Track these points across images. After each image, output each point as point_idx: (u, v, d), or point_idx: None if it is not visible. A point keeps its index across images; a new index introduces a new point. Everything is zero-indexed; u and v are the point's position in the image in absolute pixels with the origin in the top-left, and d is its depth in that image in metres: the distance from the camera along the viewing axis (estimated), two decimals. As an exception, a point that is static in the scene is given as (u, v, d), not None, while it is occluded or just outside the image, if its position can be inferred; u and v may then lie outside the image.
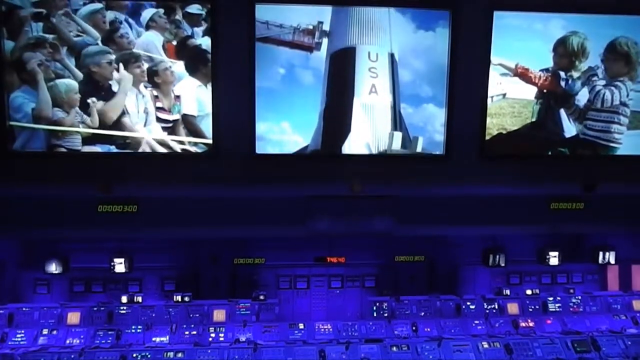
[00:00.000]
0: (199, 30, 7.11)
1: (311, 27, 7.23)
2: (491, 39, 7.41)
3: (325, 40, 7.28)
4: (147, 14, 7.02)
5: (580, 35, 7.53)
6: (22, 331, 8.39)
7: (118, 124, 7.22)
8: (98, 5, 6.92)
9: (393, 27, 7.33)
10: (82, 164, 7.40)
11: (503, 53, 7.50)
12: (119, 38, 7.02)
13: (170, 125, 7.33)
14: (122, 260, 8.60)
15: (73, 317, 8.62)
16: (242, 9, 7.05)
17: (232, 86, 7.27)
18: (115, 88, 7.13)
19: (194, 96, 7.28)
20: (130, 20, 7.00)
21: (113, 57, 7.04)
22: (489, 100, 7.63)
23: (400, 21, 7.33)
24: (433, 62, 7.47)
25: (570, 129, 7.85)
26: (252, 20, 7.06)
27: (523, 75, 7.62)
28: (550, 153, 7.96)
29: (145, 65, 7.12)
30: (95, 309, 8.71)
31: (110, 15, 6.96)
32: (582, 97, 7.75)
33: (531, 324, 9.05)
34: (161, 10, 7.01)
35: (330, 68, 7.37)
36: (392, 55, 7.42)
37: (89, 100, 7.11)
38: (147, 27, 7.04)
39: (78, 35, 6.95)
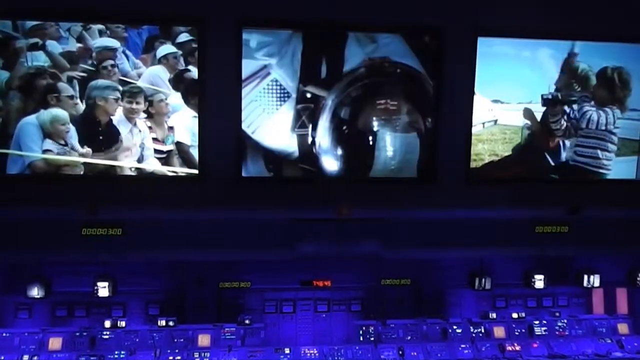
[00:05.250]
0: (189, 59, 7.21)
1: None
2: (475, 65, 7.52)
3: None
4: (163, 50, 7.11)
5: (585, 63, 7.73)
6: (2, 357, 8.22)
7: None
8: (115, 43, 7.01)
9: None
10: (67, 186, 7.35)
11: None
12: (103, 69, 7.05)
13: (164, 155, 7.38)
14: (105, 284, 8.47)
15: (55, 343, 8.48)
16: (229, 35, 7.11)
17: (219, 112, 7.29)
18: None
19: (189, 126, 7.35)
20: (127, 52, 7.05)
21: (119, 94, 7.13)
22: (480, 126, 7.72)
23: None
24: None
25: (560, 155, 7.97)
26: (240, 46, 7.12)
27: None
28: (541, 178, 8.06)
29: (142, 99, 7.19)
30: (77, 334, 8.58)
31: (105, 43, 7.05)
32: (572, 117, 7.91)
33: (517, 348, 9.04)
34: (179, 52, 7.10)
35: None
36: None
37: None
38: (159, 62, 7.14)
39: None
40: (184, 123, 7.35)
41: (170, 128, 7.34)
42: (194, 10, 7.12)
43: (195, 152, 7.38)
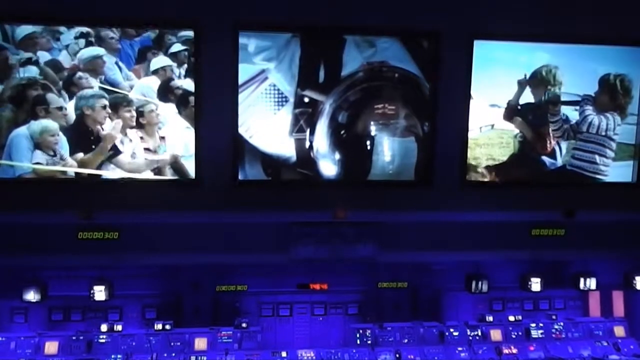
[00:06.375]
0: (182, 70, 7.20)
1: None
2: (472, 69, 7.52)
3: None
4: (157, 62, 7.11)
5: (549, 67, 7.69)
6: (-2, 361, 8.21)
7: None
8: (101, 51, 6.98)
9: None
10: (63, 190, 7.32)
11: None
12: (77, 80, 7.02)
13: (156, 165, 7.35)
14: (102, 287, 8.44)
15: (51, 347, 8.45)
16: (225, 41, 7.09)
17: (216, 115, 7.27)
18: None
19: (181, 136, 7.34)
20: (120, 63, 7.02)
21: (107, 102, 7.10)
22: (478, 130, 7.72)
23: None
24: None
25: (556, 159, 7.98)
26: (236, 50, 7.09)
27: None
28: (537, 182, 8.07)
29: (134, 109, 7.19)
30: (74, 338, 8.55)
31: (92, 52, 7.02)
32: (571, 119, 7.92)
33: (514, 351, 9.06)
34: (174, 64, 7.09)
35: None
36: None
37: None
38: (153, 74, 7.13)
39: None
40: (177, 133, 7.33)
41: (162, 138, 7.32)
42: (189, 13, 7.10)
43: (187, 162, 7.36)
